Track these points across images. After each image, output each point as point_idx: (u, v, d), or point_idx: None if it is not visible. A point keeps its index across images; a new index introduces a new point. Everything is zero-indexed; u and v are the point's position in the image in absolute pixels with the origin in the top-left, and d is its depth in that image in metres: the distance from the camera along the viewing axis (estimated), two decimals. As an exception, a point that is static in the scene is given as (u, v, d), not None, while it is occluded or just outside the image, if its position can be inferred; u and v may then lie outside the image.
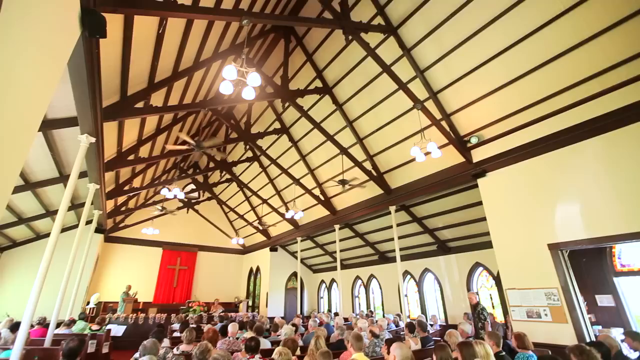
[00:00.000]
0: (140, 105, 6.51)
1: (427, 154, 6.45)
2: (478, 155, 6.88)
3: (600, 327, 6.26)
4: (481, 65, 6.19)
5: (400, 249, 8.67)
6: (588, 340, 4.72)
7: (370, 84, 8.08)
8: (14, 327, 5.95)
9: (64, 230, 9.05)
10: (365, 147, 9.10)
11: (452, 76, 6.65)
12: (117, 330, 9.59)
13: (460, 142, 7.00)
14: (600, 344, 3.46)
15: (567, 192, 5.44)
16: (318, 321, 7.79)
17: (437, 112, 6.98)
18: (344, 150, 9.12)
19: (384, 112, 8.23)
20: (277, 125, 11.25)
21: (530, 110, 5.99)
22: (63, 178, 7.59)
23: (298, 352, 4.44)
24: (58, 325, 6.78)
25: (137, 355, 4.05)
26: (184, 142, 8.70)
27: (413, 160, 7.86)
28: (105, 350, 7.42)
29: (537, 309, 5.36)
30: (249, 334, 5.33)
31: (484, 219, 6.70)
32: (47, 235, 10.52)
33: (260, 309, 15.31)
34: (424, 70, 6.94)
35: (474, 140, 6.80)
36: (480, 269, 9.49)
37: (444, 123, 7.02)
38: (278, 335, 6.49)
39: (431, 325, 8.84)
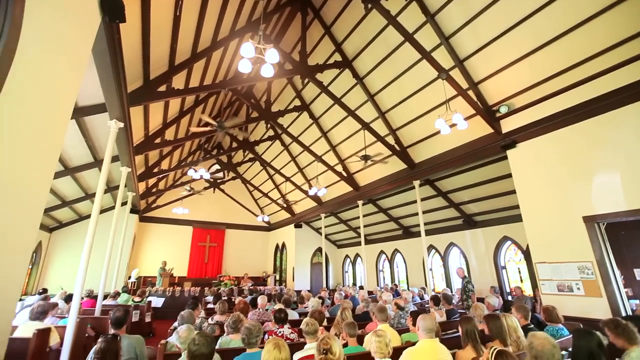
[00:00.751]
0: (162, 88, 6.63)
1: (452, 126, 6.21)
2: (507, 125, 6.53)
3: (638, 302, 6.03)
4: (511, 29, 5.73)
5: (425, 224, 8.59)
6: (624, 314, 4.56)
7: (392, 55, 7.73)
8: (68, 298, 6.59)
9: (102, 211, 9.65)
10: (388, 121, 8.87)
11: (480, 42, 6.22)
12: (157, 302, 10.35)
13: (488, 112, 6.65)
14: (638, 317, 3.34)
15: (605, 162, 5.09)
16: (343, 294, 8.01)
17: (463, 82, 6.62)
18: (365, 125, 8.95)
19: (406, 84, 7.91)
20: (297, 102, 11.15)
21: (562, 77, 5.54)
22: (97, 163, 8.01)
23: (325, 323, 4.62)
24: (105, 297, 7.42)
25: (176, 324, 4.38)
26: (207, 124, 8.85)
27: (438, 133, 7.60)
28: (147, 319, 8.10)
29: (568, 283, 5.21)
30: (277, 306, 5.59)
31: (513, 191, 6.46)
32: (88, 216, 11.31)
33: (287, 282, 15.92)
34: (449, 37, 6.52)
35: (503, 110, 6.43)
36: (508, 242, 9.27)
37: (470, 93, 6.66)
38: (305, 307, 6.76)
39: (457, 298, 8.85)
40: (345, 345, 3.26)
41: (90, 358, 2.80)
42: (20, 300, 6.40)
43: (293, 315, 5.66)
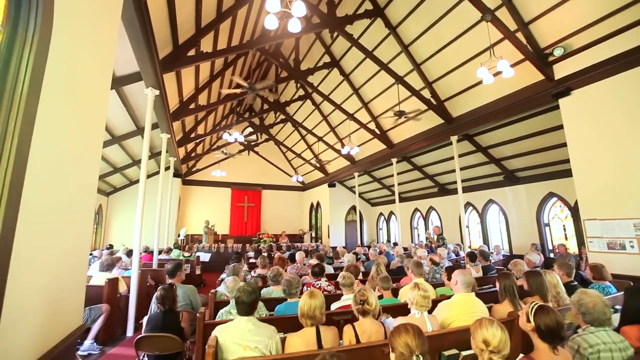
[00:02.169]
0: (192, 53, 6.65)
1: (496, 74, 5.67)
2: (562, 70, 5.83)
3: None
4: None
5: (462, 181, 8.30)
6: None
7: (429, -3, 7.01)
8: (129, 253, 7.43)
9: (149, 176, 10.37)
10: (423, 73, 8.29)
11: (534, -29, 5.40)
12: (204, 257, 11.33)
13: (539, 57, 5.95)
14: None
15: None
16: (378, 250, 8.22)
17: (511, 22, 5.88)
18: (399, 79, 8.47)
19: (444, 31, 7.21)
20: (326, 59, 10.71)
21: (629, 10, 4.72)
22: (140, 130, 8.47)
23: (360, 277, 4.82)
24: (159, 252, 8.26)
25: (223, 275, 4.80)
26: (238, 85, 8.87)
27: (479, 83, 7.03)
28: (197, 272, 8.97)
29: (621, 241, 4.90)
30: (314, 261, 5.89)
31: (562, 145, 5.94)
32: (137, 181, 12.26)
33: (322, 239, 16.57)
34: (497, -31, 5.72)
35: (557, 53, 5.71)
36: (554, 199, 8.75)
37: (519, 35, 5.95)
38: (340, 262, 7.06)
39: (494, 254, 8.72)
40: (380, 297, 3.39)
41: (153, 303, 3.20)
42: (90, 255, 7.30)
43: (329, 269, 5.94)
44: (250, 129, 16.79)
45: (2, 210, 1.45)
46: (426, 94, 8.42)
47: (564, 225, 8.72)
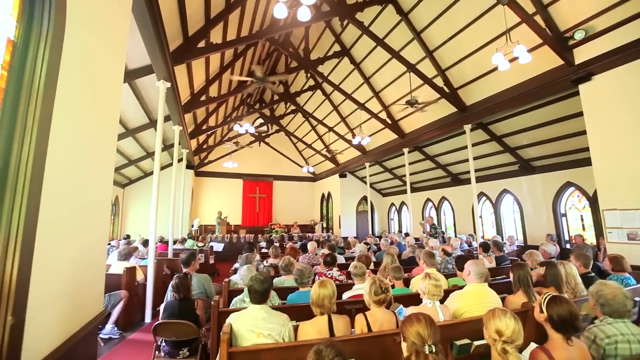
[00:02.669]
0: (202, 44, 6.65)
1: (512, 60, 5.49)
2: (582, 54, 5.59)
3: None
4: None
5: (476, 170, 8.14)
6: None
7: (442, -19, 6.78)
8: (145, 243, 7.64)
9: (162, 168, 10.57)
10: (436, 60, 8.09)
11: (555, -50, 5.14)
12: (218, 246, 11.55)
13: (558, 41, 5.71)
14: None
15: None
16: (390, 240, 8.21)
17: (529, 5, 5.64)
18: (411, 67, 8.29)
19: (458, 16, 6.99)
20: (336, 47, 10.55)
21: None
22: (152, 123, 8.59)
23: (372, 267, 4.84)
24: (174, 242, 8.47)
25: (236, 265, 4.89)
26: (250, 73, 8.86)
27: (494, 70, 6.82)
28: (211, 261, 9.17)
29: (641, 231, 4.74)
30: (325, 251, 5.93)
31: (580, 133, 5.73)
32: (152, 173, 12.49)
33: (334, 230, 16.64)
34: (515, -51, 5.47)
35: (578, 36, 5.46)
36: (572, 189, 8.51)
37: (537, 18, 5.71)
38: (352, 252, 7.09)
39: (508, 245, 8.60)
40: (392, 287, 3.41)
41: (169, 291, 3.29)
42: (108, 244, 7.54)
43: (340, 259, 5.98)
44: (260, 120, 16.85)
45: (24, 206, 1.50)
46: (439, 82, 8.23)
47: (581, 216, 8.50)
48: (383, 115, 10.69)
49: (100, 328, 4.20)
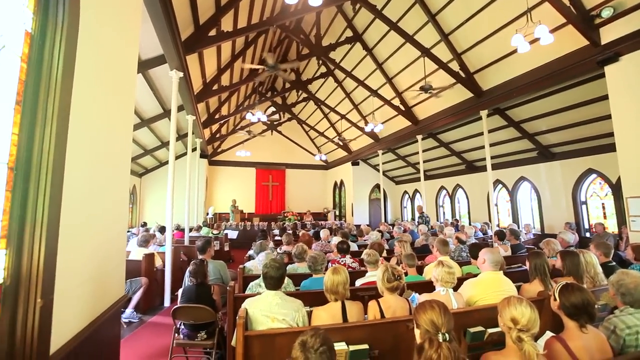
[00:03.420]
0: (213, 33, 6.63)
1: (533, 42, 5.24)
2: (609, 34, 5.28)
3: None
4: None
5: (492, 157, 7.95)
6: None
7: (459, -41, 6.49)
8: (162, 230, 7.85)
9: (177, 157, 10.76)
10: (452, 44, 7.82)
11: None
12: (232, 234, 11.79)
13: (584, 20, 5.41)
14: None
15: None
16: (403, 228, 8.18)
17: (552, -18, 5.36)
18: (425, 52, 8.06)
19: (476, -5, 6.71)
20: (348, 33, 10.34)
21: None
22: (166, 113, 8.70)
23: (385, 254, 4.85)
24: (190, 230, 8.67)
25: (251, 252, 4.99)
26: (262, 61, 8.80)
27: (514, 52, 6.56)
28: (226, 248, 9.37)
29: (667, 219, 4.56)
30: (337, 239, 5.96)
31: (604, 117, 5.47)
32: (167, 162, 12.74)
33: (346, 218, 16.68)
34: None
35: (606, 14, 5.15)
36: (593, 176, 8.22)
37: (561, -5, 5.42)
38: (365, 240, 7.11)
39: (524, 233, 8.44)
40: (405, 274, 3.41)
41: (186, 277, 3.40)
42: (128, 232, 7.79)
43: (353, 247, 6.01)
44: (272, 109, 16.81)
45: (47, 197, 1.55)
46: (454, 66, 7.98)
47: (602, 204, 8.23)
48: (396, 101, 10.48)
49: (121, 312, 4.39)
